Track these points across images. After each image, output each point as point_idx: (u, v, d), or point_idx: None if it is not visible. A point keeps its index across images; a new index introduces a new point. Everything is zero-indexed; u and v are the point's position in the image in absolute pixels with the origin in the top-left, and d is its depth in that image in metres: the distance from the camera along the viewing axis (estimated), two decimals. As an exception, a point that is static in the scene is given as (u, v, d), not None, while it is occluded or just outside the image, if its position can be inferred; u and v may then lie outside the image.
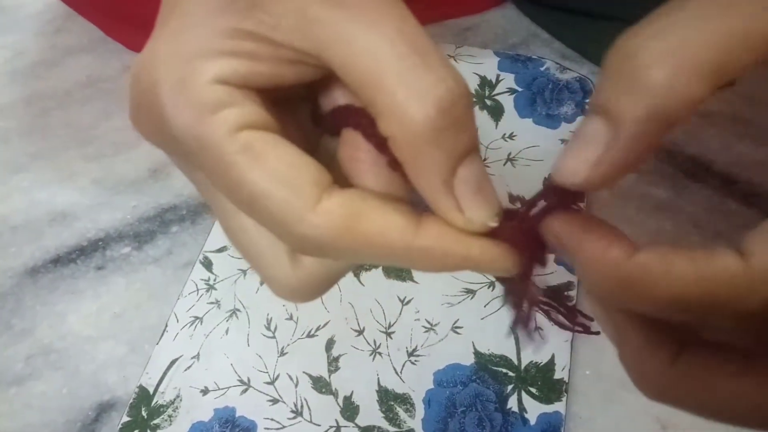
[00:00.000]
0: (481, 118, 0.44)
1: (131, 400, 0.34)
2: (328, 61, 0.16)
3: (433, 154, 0.16)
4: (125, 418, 0.34)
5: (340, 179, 0.18)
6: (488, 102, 0.45)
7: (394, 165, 0.17)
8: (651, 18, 0.15)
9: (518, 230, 0.17)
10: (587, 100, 0.45)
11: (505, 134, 0.43)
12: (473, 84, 0.46)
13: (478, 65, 0.47)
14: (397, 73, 0.16)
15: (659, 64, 0.14)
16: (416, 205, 0.18)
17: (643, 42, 0.15)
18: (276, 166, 0.16)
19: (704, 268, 0.15)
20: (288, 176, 0.16)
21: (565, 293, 0.36)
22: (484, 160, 0.42)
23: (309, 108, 0.20)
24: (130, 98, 0.19)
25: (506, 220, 0.17)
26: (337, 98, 0.19)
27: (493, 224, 0.17)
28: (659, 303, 0.15)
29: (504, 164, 0.41)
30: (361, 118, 0.17)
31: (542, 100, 0.45)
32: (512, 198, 0.40)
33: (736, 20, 0.14)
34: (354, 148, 0.18)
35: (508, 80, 0.46)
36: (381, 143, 0.17)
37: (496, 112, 0.44)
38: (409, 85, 0.16)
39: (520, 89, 0.46)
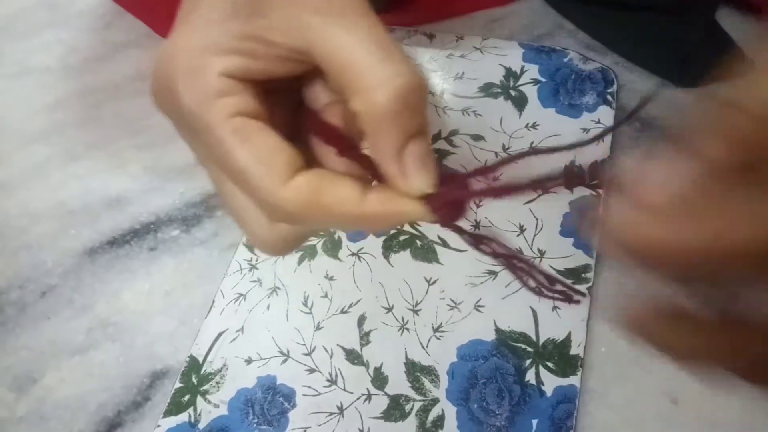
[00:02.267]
0: (506, 107, 0.46)
1: (183, 368, 0.37)
2: (313, 56, 0.20)
3: (390, 130, 0.20)
4: (177, 385, 0.37)
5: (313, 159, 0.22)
6: (512, 92, 0.47)
7: (342, 153, 0.22)
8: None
9: (444, 194, 0.21)
10: (608, 90, 0.46)
11: (528, 124, 0.45)
12: (498, 75, 0.48)
13: (503, 57, 0.49)
14: (367, 65, 0.20)
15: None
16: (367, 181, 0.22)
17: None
18: (258, 148, 0.20)
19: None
20: (267, 157, 0.20)
21: (582, 275, 0.38)
22: (508, 148, 0.44)
23: (292, 99, 0.24)
24: (152, 78, 0.23)
25: (443, 184, 0.21)
26: (317, 91, 0.23)
27: (429, 191, 0.21)
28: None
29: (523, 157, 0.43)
30: (321, 125, 0.22)
31: (565, 90, 0.46)
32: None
33: None
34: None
35: (532, 71, 0.48)
36: (331, 139, 0.22)
37: (520, 102, 0.46)
38: (375, 74, 0.20)
39: (543, 80, 0.47)
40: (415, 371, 0.36)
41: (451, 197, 0.21)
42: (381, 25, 0.21)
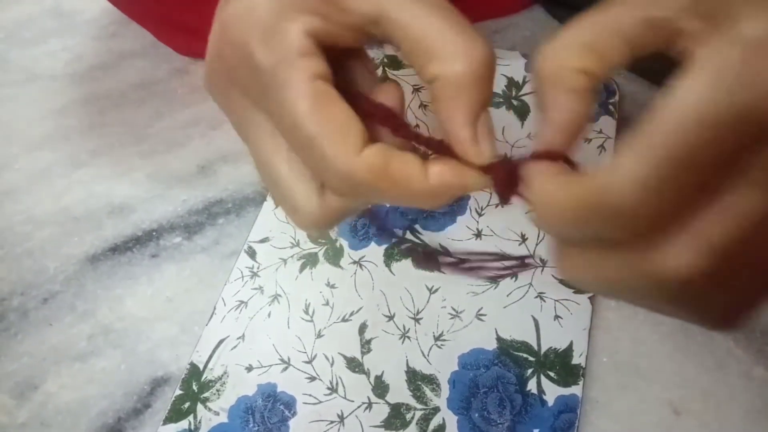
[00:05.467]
0: (508, 117, 0.46)
1: (183, 376, 0.37)
2: (385, 25, 0.21)
3: (470, 95, 0.20)
4: (178, 392, 0.37)
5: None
6: (515, 102, 0.47)
7: (396, 133, 0.22)
8: None
9: (500, 165, 0.21)
10: (610, 101, 0.46)
11: (530, 133, 0.45)
12: (500, 85, 0.48)
13: (506, 67, 0.49)
14: (447, 34, 0.20)
15: None
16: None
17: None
18: (338, 115, 0.20)
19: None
20: (345, 125, 0.20)
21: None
22: (510, 158, 0.44)
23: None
24: (217, 37, 0.22)
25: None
26: (357, 69, 0.24)
27: (494, 160, 0.21)
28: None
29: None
30: (374, 105, 0.22)
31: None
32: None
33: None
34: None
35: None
36: (385, 119, 0.22)
37: (522, 111, 0.47)
38: (456, 42, 0.20)
39: (546, 90, 0.47)
40: (416, 380, 0.36)
41: (510, 168, 0.21)
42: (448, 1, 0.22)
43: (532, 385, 0.35)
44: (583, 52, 0.20)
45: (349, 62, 0.24)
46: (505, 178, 0.21)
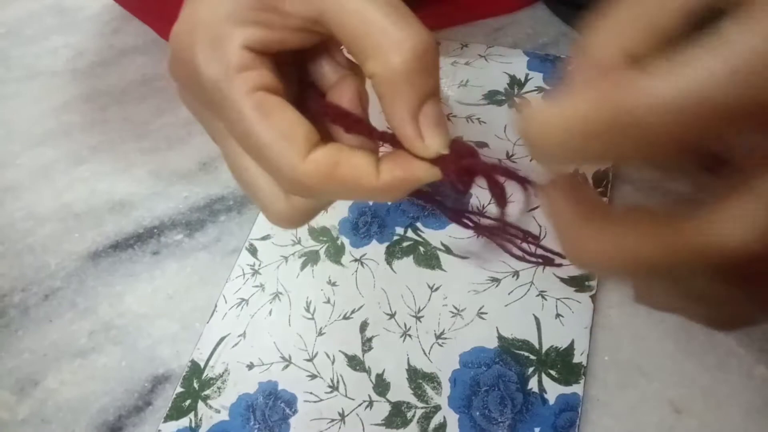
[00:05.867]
0: (510, 115, 0.46)
1: (184, 373, 0.37)
2: (326, 24, 0.21)
3: (406, 90, 0.20)
4: (179, 389, 0.37)
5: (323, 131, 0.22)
6: (517, 100, 0.47)
7: (349, 130, 0.22)
8: None
9: (453, 157, 0.21)
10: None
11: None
12: (503, 83, 0.48)
13: (508, 65, 0.49)
14: (382, 27, 0.20)
15: None
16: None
17: None
18: (279, 124, 0.21)
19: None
20: (287, 132, 0.21)
21: (585, 283, 0.38)
22: (511, 156, 0.44)
23: (295, 75, 0.25)
24: (170, 52, 0.23)
25: (453, 149, 0.21)
26: (322, 67, 0.24)
27: (445, 152, 0.21)
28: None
29: (531, 160, 0.43)
30: (326, 105, 0.23)
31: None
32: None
33: None
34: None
35: (537, 79, 0.48)
36: (337, 117, 0.22)
37: (525, 110, 0.46)
38: (391, 36, 0.20)
39: (548, 88, 0.47)
40: (417, 378, 0.36)
41: (462, 160, 0.21)
42: None
43: (533, 384, 0.35)
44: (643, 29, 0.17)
45: (316, 58, 0.24)
46: (457, 167, 0.21)
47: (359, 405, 0.35)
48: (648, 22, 0.16)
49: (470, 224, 0.26)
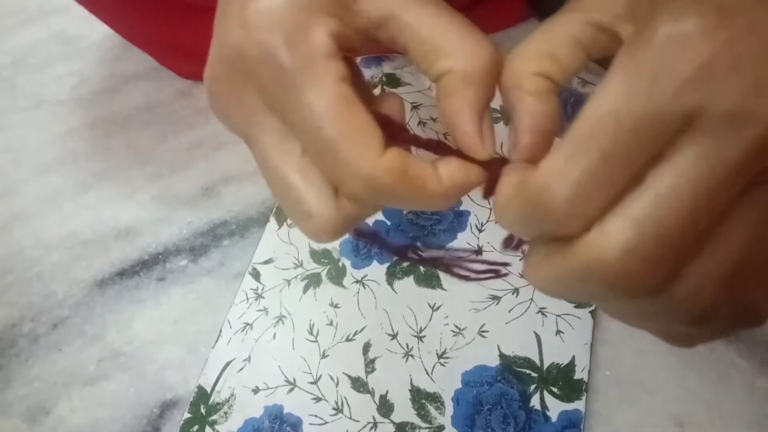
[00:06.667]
0: (506, 132, 0.47)
1: (191, 399, 0.38)
2: (396, 25, 0.22)
3: (479, 88, 0.21)
4: (186, 415, 0.37)
5: None
6: (513, 117, 0.47)
7: (395, 139, 0.22)
8: None
9: (496, 163, 0.22)
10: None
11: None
12: (497, 100, 0.48)
13: (504, 82, 0.49)
14: (459, 32, 0.21)
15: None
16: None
17: None
18: (360, 118, 0.21)
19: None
20: (367, 128, 0.21)
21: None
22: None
23: None
24: (229, 42, 0.22)
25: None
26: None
27: (495, 156, 0.22)
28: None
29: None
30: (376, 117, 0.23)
31: (564, 113, 0.47)
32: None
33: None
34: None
35: (533, 95, 0.48)
36: (386, 127, 0.22)
37: (521, 126, 0.47)
38: (474, 37, 0.21)
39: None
40: (420, 398, 0.36)
41: (502, 168, 0.22)
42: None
43: (535, 401, 0.35)
44: (540, 58, 0.21)
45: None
46: (496, 175, 0.22)
47: (364, 427, 0.36)
48: (547, 52, 0.21)
49: (415, 257, 0.27)
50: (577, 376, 0.36)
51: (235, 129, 0.24)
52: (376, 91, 0.49)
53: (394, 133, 0.22)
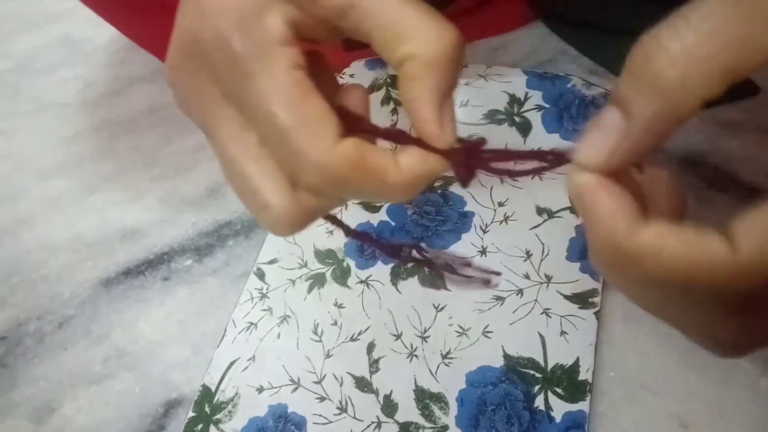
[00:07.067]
0: (510, 134, 0.47)
1: (196, 398, 0.38)
2: (358, 13, 0.21)
3: (440, 75, 0.20)
4: (191, 414, 0.38)
5: None
6: (516, 119, 0.48)
7: (353, 130, 0.21)
8: (671, 19, 0.17)
9: (460, 151, 0.22)
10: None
11: (533, 149, 0.46)
12: (502, 102, 0.48)
13: (507, 84, 0.49)
14: (420, 18, 0.21)
15: (673, 65, 0.16)
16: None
17: (661, 43, 0.17)
18: (314, 106, 0.20)
19: (695, 251, 0.16)
20: (321, 117, 0.20)
21: (589, 300, 0.39)
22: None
23: None
24: (183, 29, 0.22)
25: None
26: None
27: (456, 145, 0.21)
28: (649, 278, 0.17)
29: (531, 178, 0.44)
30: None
31: (569, 115, 0.47)
32: (539, 209, 0.43)
33: (745, 25, 0.16)
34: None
35: (536, 97, 0.48)
36: (344, 117, 0.21)
37: (525, 128, 0.47)
38: (434, 23, 0.21)
39: (547, 106, 0.48)
40: (424, 398, 0.36)
41: (469, 155, 0.21)
42: None
43: (539, 402, 0.36)
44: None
45: (311, 67, 0.23)
46: (465, 162, 0.21)
47: (368, 426, 0.36)
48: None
49: (407, 257, 0.27)
50: (582, 377, 0.36)
51: (195, 119, 0.24)
52: (381, 92, 0.49)
53: (354, 123, 0.22)
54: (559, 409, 0.35)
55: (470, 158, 0.21)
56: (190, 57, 0.22)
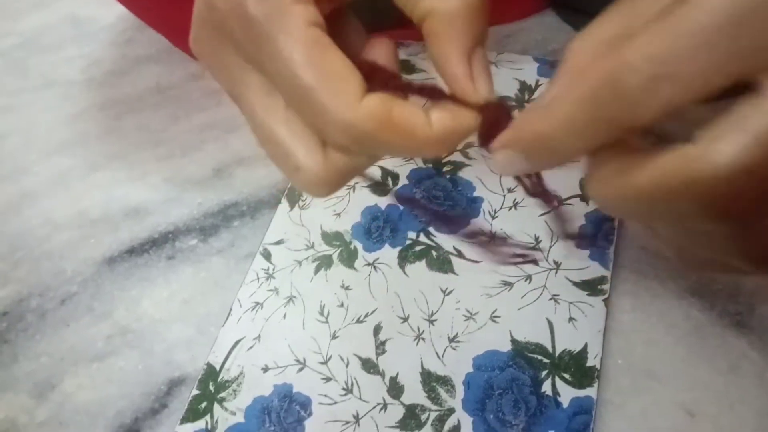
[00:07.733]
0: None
1: (200, 376, 0.38)
2: None
3: (466, 29, 0.20)
4: (195, 392, 0.37)
5: None
6: (527, 106, 0.47)
7: (386, 86, 0.21)
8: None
9: (494, 107, 0.21)
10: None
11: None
12: (513, 89, 0.48)
13: (518, 71, 0.49)
14: None
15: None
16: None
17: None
18: (335, 63, 0.20)
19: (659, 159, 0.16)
20: (343, 73, 0.20)
21: (598, 287, 0.38)
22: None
23: None
24: (197, 7, 0.22)
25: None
26: (349, 31, 0.24)
27: (492, 98, 0.21)
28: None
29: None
30: (364, 64, 0.22)
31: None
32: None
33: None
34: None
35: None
36: (376, 74, 0.21)
37: (535, 115, 0.47)
38: None
39: (558, 94, 0.48)
40: (430, 381, 0.36)
41: (503, 110, 0.21)
42: None
43: (546, 387, 0.35)
44: None
45: (336, 24, 0.23)
46: (493, 120, 0.21)
47: (373, 408, 0.36)
48: None
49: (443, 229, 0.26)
50: (590, 363, 0.36)
51: (224, 88, 0.24)
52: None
53: (385, 80, 0.21)
54: (567, 394, 0.35)
55: (498, 119, 0.21)
56: (210, 27, 0.22)
